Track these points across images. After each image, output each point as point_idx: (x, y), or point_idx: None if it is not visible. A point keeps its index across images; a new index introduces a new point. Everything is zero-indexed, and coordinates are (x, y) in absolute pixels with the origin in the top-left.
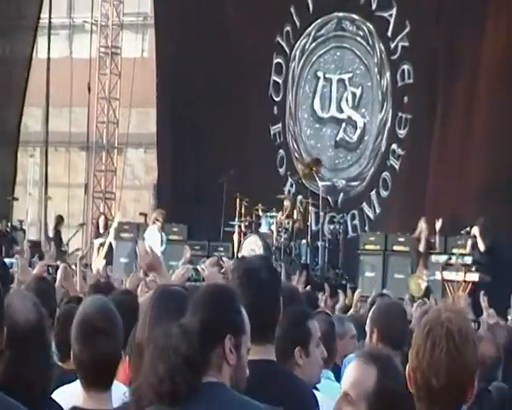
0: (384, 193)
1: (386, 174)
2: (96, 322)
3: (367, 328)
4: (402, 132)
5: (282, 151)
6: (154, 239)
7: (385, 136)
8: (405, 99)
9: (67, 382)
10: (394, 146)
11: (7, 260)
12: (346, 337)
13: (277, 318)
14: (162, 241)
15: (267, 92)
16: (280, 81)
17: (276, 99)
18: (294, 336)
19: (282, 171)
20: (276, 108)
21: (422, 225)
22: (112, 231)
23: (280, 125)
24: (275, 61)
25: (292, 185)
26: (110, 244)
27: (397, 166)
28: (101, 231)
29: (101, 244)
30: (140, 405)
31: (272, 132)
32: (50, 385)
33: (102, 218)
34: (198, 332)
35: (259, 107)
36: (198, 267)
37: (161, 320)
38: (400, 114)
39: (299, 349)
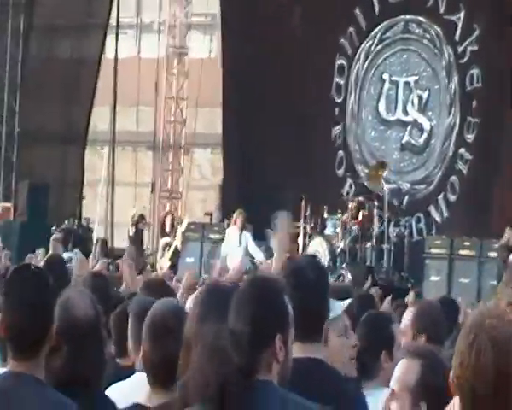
0: (452, 197)
1: (453, 178)
2: (168, 322)
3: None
4: (470, 137)
5: (341, 152)
6: (233, 240)
7: (453, 140)
8: (474, 103)
9: (124, 378)
10: (462, 150)
11: (65, 255)
12: None
13: (325, 317)
14: (240, 241)
15: (329, 94)
16: (342, 83)
17: (338, 100)
18: (380, 339)
19: (340, 172)
20: (337, 109)
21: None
22: (179, 234)
23: (340, 126)
24: (337, 62)
25: (351, 187)
26: (176, 247)
27: (465, 171)
28: (168, 230)
29: (167, 244)
30: (186, 401)
31: (333, 134)
32: (104, 381)
33: (169, 217)
34: (248, 336)
35: (321, 108)
36: (255, 260)
37: (209, 317)
38: (469, 118)
39: (385, 353)
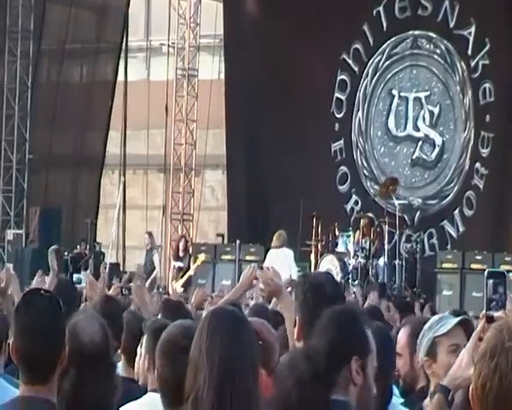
0: (468, 212)
1: (470, 193)
2: (183, 342)
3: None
4: (485, 151)
5: (344, 168)
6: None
7: (468, 154)
8: (487, 117)
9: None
10: (478, 165)
11: (75, 276)
12: None
13: None
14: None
15: (329, 109)
16: (343, 98)
17: (338, 116)
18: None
19: (343, 188)
20: (337, 124)
21: None
22: (194, 267)
23: (341, 141)
24: (339, 77)
25: (357, 203)
26: (190, 276)
27: (481, 186)
28: (181, 254)
29: (180, 268)
30: None
31: (333, 149)
32: (115, 406)
33: (183, 241)
34: (325, 354)
35: (321, 124)
36: (263, 266)
37: (215, 340)
38: (483, 132)
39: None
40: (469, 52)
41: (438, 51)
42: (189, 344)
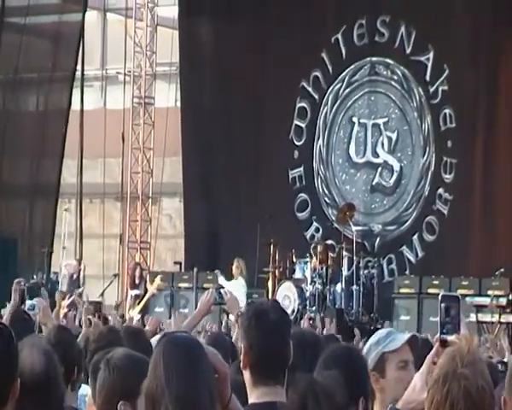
0: (429, 237)
1: (431, 218)
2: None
3: None
4: (448, 177)
5: (304, 195)
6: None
7: (428, 180)
8: (449, 143)
9: None
10: (441, 190)
11: (28, 302)
12: None
13: (288, 359)
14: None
15: (287, 136)
16: (303, 126)
17: (298, 143)
18: None
19: (303, 215)
20: (297, 152)
21: None
22: (149, 294)
23: (301, 168)
24: (298, 105)
25: (318, 230)
26: (146, 301)
27: (445, 211)
28: (137, 281)
29: (137, 296)
30: None
31: (291, 176)
32: None
33: (138, 269)
34: (336, 396)
35: (279, 151)
36: (221, 291)
37: (173, 373)
38: (445, 158)
39: None
40: (428, 78)
41: (395, 77)
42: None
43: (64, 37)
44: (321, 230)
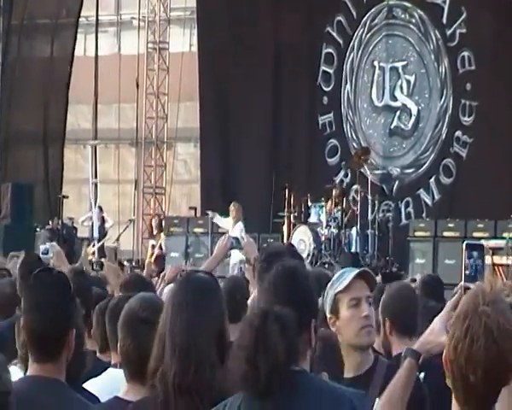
0: (446, 180)
1: (449, 161)
2: (143, 315)
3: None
4: (468, 119)
5: (334, 141)
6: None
7: (445, 123)
8: (468, 86)
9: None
10: (459, 133)
11: (41, 247)
12: None
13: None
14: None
15: (315, 82)
16: (331, 71)
17: (326, 89)
18: None
19: (333, 161)
20: (326, 98)
21: None
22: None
23: (331, 114)
24: (324, 51)
25: (347, 175)
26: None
27: (463, 154)
28: (155, 232)
29: (153, 246)
30: (167, 394)
31: (321, 122)
32: (82, 372)
33: (156, 218)
34: (291, 323)
35: (307, 97)
36: (238, 236)
37: (185, 308)
38: (463, 100)
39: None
40: (444, 21)
41: (413, 20)
42: (149, 316)
43: None
44: (349, 175)
